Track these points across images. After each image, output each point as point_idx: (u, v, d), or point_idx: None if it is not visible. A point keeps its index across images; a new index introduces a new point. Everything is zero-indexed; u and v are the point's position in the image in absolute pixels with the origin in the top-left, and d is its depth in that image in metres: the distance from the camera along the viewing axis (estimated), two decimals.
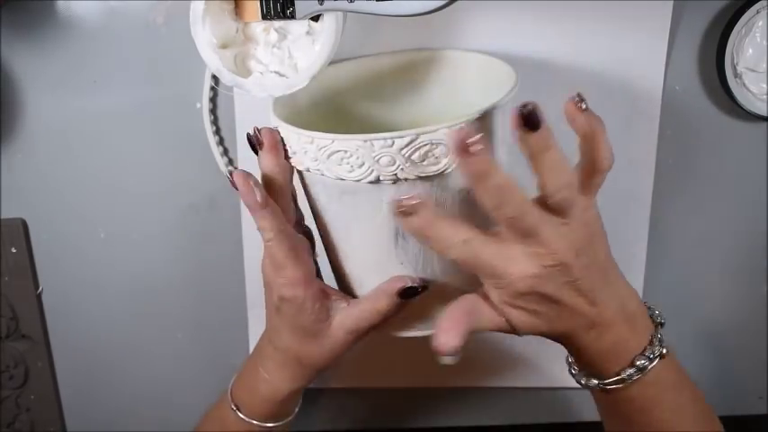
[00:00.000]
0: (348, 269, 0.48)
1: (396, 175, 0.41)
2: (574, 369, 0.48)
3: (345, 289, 0.49)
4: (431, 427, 0.70)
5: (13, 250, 0.62)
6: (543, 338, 0.65)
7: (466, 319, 0.41)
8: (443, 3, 0.41)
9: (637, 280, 0.62)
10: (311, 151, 0.42)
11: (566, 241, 0.40)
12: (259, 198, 0.42)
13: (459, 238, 0.40)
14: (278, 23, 0.48)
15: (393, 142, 0.40)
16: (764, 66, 0.56)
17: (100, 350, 0.66)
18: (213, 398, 0.56)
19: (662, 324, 0.46)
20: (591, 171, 0.41)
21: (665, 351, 0.44)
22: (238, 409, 0.50)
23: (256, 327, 0.64)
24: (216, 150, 0.59)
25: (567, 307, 0.41)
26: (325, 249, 0.49)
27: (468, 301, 0.42)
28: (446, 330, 0.40)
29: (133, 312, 0.65)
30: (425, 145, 0.40)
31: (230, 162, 0.60)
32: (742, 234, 0.63)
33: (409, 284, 0.45)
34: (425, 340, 0.65)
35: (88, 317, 0.65)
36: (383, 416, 0.69)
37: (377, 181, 0.41)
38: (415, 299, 0.45)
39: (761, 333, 0.67)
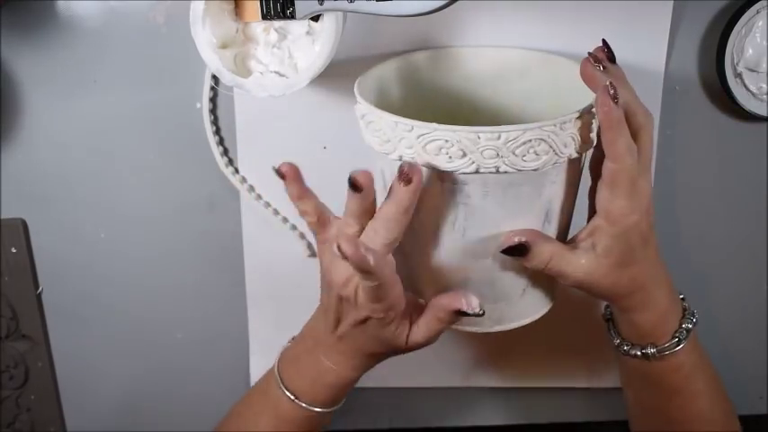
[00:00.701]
0: (423, 264, 0.48)
1: (497, 167, 0.42)
2: (626, 346, 0.50)
3: (416, 282, 0.50)
4: (431, 427, 0.70)
5: (13, 250, 0.62)
6: (542, 338, 0.65)
7: (543, 238, 0.46)
8: (443, 3, 0.41)
9: None
10: (408, 139, 0.43)
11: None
12: (372, 261, 0.42)
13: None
14: (278, 23, 0.48)
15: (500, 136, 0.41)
16: (764, 66, 0.56)
17: (100, 350, 0.66)
18: (213, 397, 0.56)
19: (683, 298, 0.50)
20: None
21: (695, 319, 0.49)
22: (297, 397, 0.51)
23: (256, 326, 0.64)
24: (216, 150, 0.59)
25: (651, 250, 0.46)
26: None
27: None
28: (518, 234, 0.45)
29: (133, 312, 0.65)
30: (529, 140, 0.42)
31: (230, 162, 0.60)
32: (742, 234, 0.63)
33: (464, 307, 0.46)
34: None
35: (88, 317, 0.65)
36: (383, 416, 0.69)
37: (476, 172, 0.43)
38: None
39: (761, 333, 0.67)
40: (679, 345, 0.48)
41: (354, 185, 0.44)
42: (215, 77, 0.55)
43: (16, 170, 0.60)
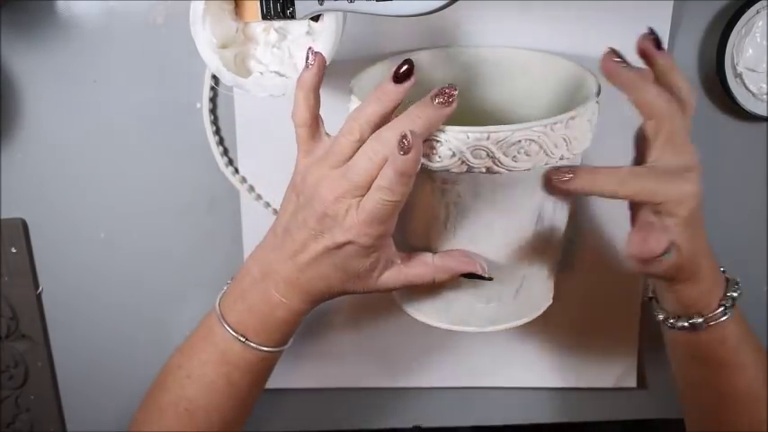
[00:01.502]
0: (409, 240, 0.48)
1: (486, 167, 0.42)
2: (672, 320, 0.49)
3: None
4: (431, 427, 0.70)
5: (13, 250, 0.62)
6: (542, 338, 0.65)
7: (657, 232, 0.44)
8: (443, 3, 0.41)
9: (637, 279, 0.62)
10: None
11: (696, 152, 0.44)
12: (418, 167, 0.40)
13: (623, 174, 0.43)
14: (278, 23, 0.48)
15: (488, 135, 0.41)
16: (764, 66, 0.56)
17: (100, 350, 0.66)
18: None
19: (723, 270, 0.50)
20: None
21: (739, 288, 0.49)
22: (247, 338, 0.48)
23: None
24: (216, 150, 0.59)
25: (700, 226, 0.45)
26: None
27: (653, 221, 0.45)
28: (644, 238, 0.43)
29: (133, 312, 0.65)
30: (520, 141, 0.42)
31: (230, 162, 0.60)
32: (742, 234, 0.63)
33: (479, 273, 0.46)
34: (424, 339, 0.65)
35: (88, 317, 0.65)
36: (382, 416, 0.69)
37: (466, 172, 0.43)
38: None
39: (761, 333, 0.66)
40: (725, 314, 0.47)
41: (402, 74, 0.42)
42: (215, 77, 0.55)
43: (16, 170, 0.60)
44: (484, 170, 0.42)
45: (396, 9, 0.43)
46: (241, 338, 0.48)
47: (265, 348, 0.48)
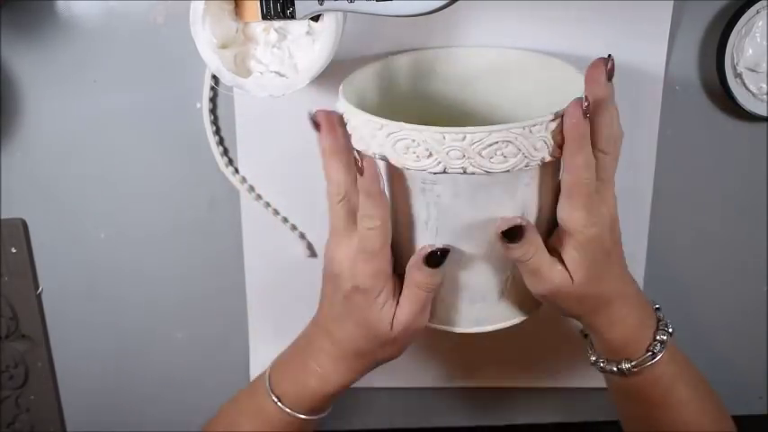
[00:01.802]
0: (400, 264, 0.48)
1: (463, 168, 0.42)
2: (602, 362, 0.50)
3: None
4: (431, 427, 0.70)
5: (13, 250, 0.62)
6: (540, 337, 0.65)
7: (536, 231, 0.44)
8: (444, 3, 0.41)
9: (637, 279, 0.62)
10: (379, 137, 0.43)
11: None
12: (382, 185, 0.42)
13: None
14: (278, 23, 0.48)
15: (465, 137, 0.41)
16: (764, 66, 0.56)
17: (100, 350, 0.66)
18: (213, 397, 0.56)
19: (658, 308, 0.50)
20: None
21: (671, 330, 0.48)
22: (281, 400, 0.50)
23: (256, 326, 0.64)
24: (216, 150, 0.59)
25: (610, 265, 0.45)
26: None
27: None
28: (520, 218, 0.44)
29: (133, 312, 0.65)
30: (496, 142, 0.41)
31: (230, 162, 0.60)
32: (742, 234, 0.63)
33: (428, 251, 0.46)
34: (423, 340, 0.65)
35: (88, 317, 0.65)
36: (383, 416, 0.69)
37: (443, 172, 0.42)
38: (443, 266, 0.45)
39: (761, 333, 0.67)
40: (654, 358, 0.47)
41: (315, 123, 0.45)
42: (215, 77, 0.55)
43: (16, 170, 0.60)
44: (460, 171, 0.42)
45: (396, 9, 0.43)
46: (275, 399, 0.50)
47: (299, 415, 0.50)
